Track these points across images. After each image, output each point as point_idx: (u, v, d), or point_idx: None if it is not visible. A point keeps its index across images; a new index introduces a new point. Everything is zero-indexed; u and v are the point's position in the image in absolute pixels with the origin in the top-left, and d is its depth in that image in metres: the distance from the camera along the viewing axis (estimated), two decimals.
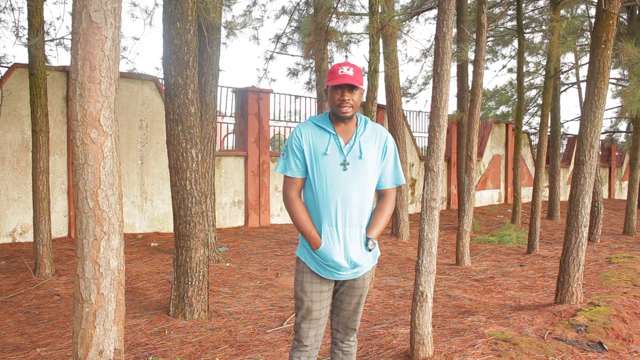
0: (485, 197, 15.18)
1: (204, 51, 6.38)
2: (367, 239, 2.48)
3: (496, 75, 33.07)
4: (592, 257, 7.43)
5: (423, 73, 16.31)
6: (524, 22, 11.45)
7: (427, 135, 12.74)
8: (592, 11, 10.32)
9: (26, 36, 5.74)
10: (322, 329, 2.58)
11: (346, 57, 9.00)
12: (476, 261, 7.24)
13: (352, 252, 2.44)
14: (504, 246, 8.58)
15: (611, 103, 41.50)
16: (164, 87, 4.74)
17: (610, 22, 4.70)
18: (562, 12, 9.57)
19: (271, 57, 9.20)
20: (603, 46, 4.72)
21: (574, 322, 4.23)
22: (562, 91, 14.15)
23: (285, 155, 2.50)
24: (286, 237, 8.73)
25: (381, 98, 14.86)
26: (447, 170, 13.81)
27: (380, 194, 2.63)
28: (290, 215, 2.51)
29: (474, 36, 7.86)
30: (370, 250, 2.49)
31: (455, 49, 9.00)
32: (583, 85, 15.69)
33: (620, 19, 9.64)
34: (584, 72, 16.05)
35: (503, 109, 15.98)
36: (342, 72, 2.41)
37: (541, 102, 11.81)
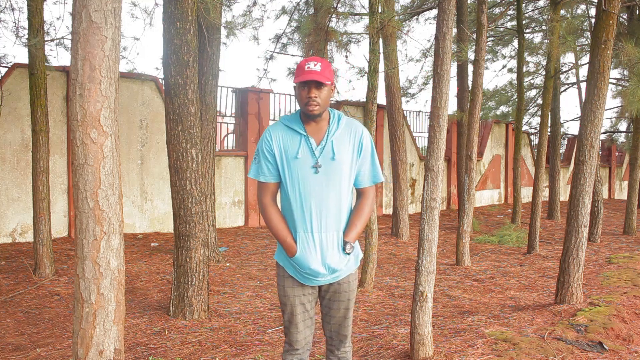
0: (485, 197, 15.18)
1: (204, 51, 6.38)
2: (345, 243, 2.38)
3: (496, 75, 33.08)
4: (592, 257, 7.43)
5: (423, 73, 16.31)
6: (524, 22, 11.45)
7: (427, 135, 12.74)
8: (592, 11, 10.32)
9: (26, 36, 5.74)
10: (310, 330, 2.51)
11: (346, 57, 9.01)
12: (476, 261, 7.24)
13: (329, 257, 2.35)
14: (504, 246, 8.58)
15: (611, 103, 41.47)
16: (164, 87, 4.74)
17: (610, 22, 4.70)
18: (562, 12, 9.57)
19: (271, 57, 9.20)
20: (603, 46, 4.72)
21: (574, 322, 4.23)
22: (562, 91, 14.15)
23: (257, 159, 2.39)
24: None
25: (381, 98, 14.86)
26: (447, 170, 13.81)
27: (358, 193, 2.49)
28: (265, 221, 2.41)
29: (474, 36, 7.86)
30: (348, 254, 2.39)
31: (455, 49, 9.00)
32: (583, 85, 15.69)
33: (620, 19, 9.64)
34: (584, 72, 16.05)
35: (503, 109, 15.99)
36: (308, 67, 2.27)
37: (541, 102, 11.81)
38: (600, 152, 18.92)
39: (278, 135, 2.37)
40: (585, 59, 14.01)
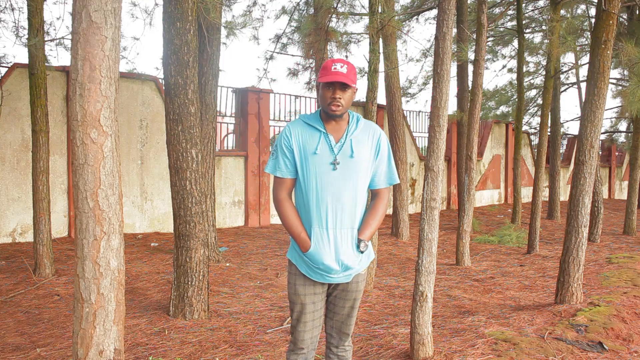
0: (485, 197, 15.18)
1: (204, 51, 6.38)
2: (359, 241, 2.41)
3: (496, 75, 33.01)
4: (592, 257, 7.43)
5: (423, 73, 16.31)
6: (524, 22, 11.44)
7: (427, 135, 12.73)
8: (592, 11, 10.32)
9: (26, 36, 5.75)
10: (317, 330, 2.53)
11: (346, 57, 8.99)
12: (476, 261, 7.24)
13: (343, 254, 2.37)
14: (504, 246, 8.58)
15: (611, 103, 41.51)
16: (164, 87, 4.74)
17: (610, 22, 4.70)
18: (562, 12, 9.58)
19: (271, 57, 9.19)
20: (603, 46, 4.72)
21: (574, 322, 4.23)
22: (562, 91, 14.14)
23: (275, 155, 2.43)
24: (286, 237, 8.73)
25: (381, 98, 14.86)
26: (447, 170, 13.81)
27: (373, 194, 2.54)
28: (279, 216, 2.44)
29: (474, 36, 7.86)
30: (362, 252, 2.42)
31: (455, 49, 9.00)
32: (583, 85, 15.69)
33: (620, 19, 9.64)
34: (584, 72, 16.05)
35: (503, 109, 15.98)
36: (335, 69, 2.34)
37: (541, 102, 11.81)
38: (600, 152, 18.91)
39: (297, 131, 2.41)
40: (585, 59, 14.01)
